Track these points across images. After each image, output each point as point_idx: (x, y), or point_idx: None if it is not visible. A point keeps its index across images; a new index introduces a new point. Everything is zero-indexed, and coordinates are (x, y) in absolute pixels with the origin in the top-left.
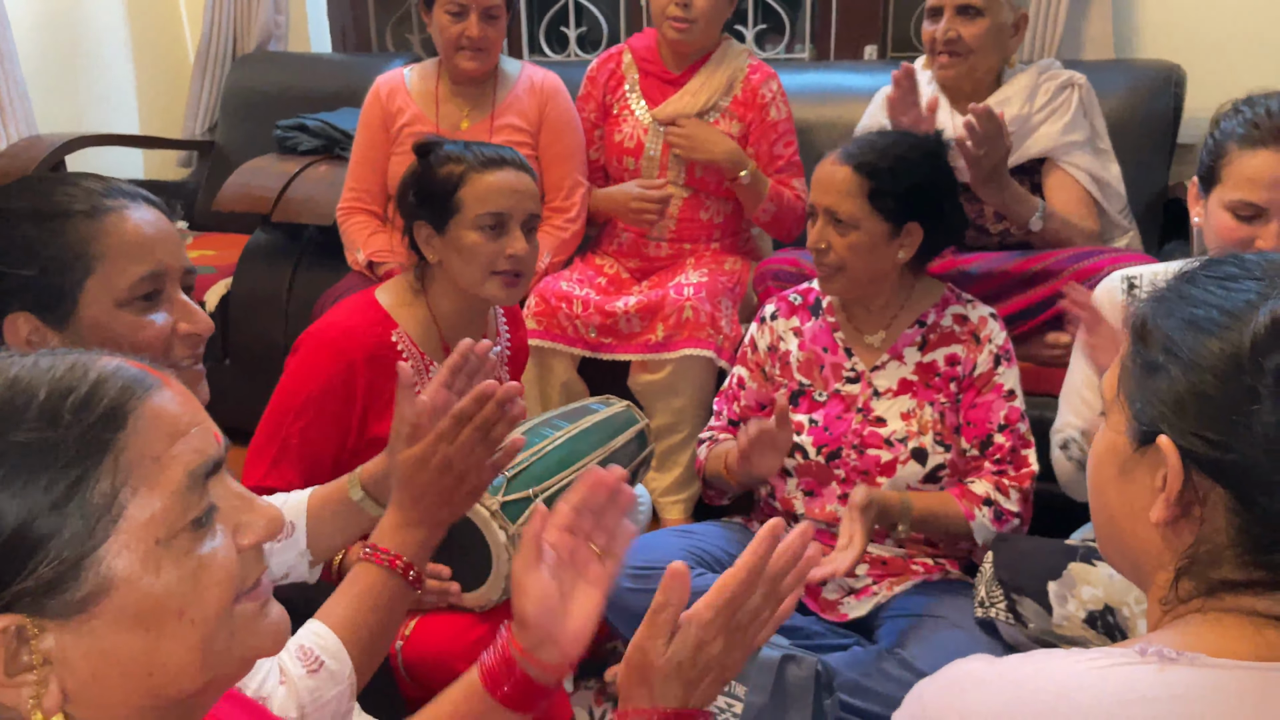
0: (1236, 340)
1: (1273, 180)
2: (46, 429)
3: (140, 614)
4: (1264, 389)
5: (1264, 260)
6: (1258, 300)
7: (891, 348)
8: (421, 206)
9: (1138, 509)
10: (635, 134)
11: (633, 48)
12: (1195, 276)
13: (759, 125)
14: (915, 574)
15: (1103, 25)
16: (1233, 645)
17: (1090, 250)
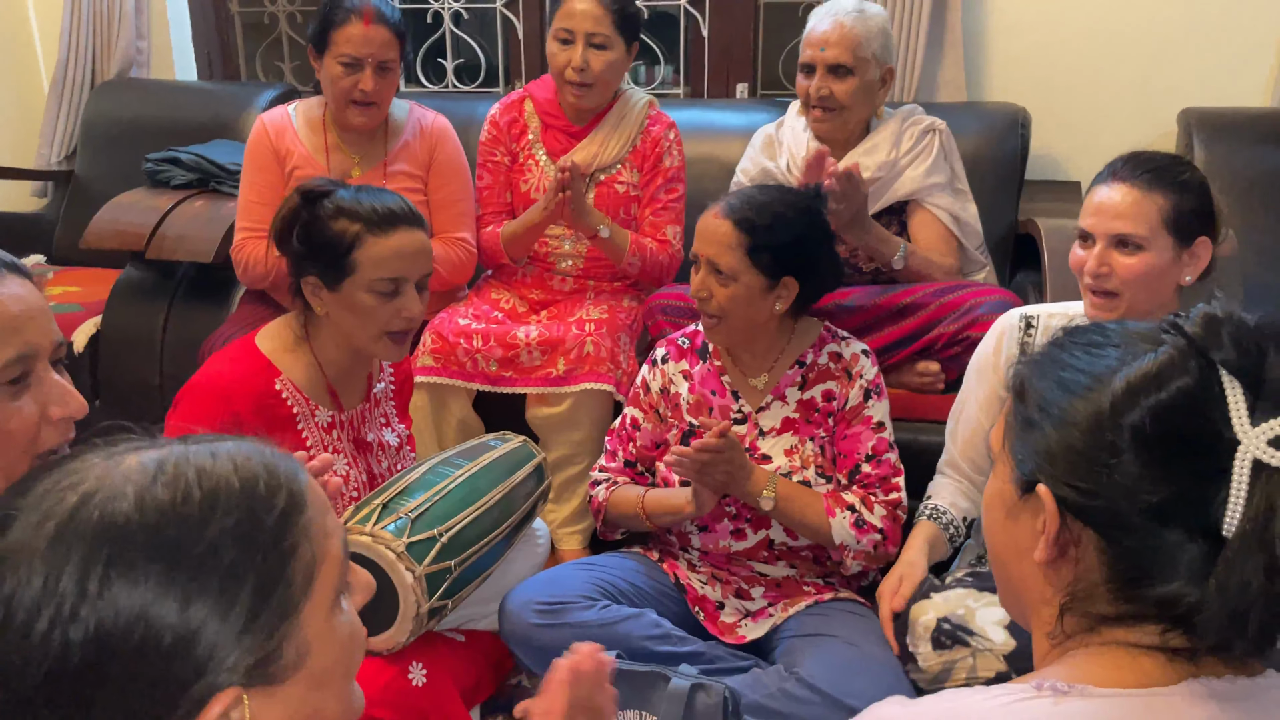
0: (1099, 401)
1: (1097, 207)
2: (251, 515)
3: (322, 674)
4: (1123, 444)
5: (1122, 329)
6: (1117, 365)
7: (775, 389)
8: (310, 259)
9: (1023, 550)
10: (541, 184)
11: (534, 98)
12: (1065, 343)
13: (652, 171)
14: (808, 595)
15: (955, 70)
16: (1115, 675)
17: (953, 285)
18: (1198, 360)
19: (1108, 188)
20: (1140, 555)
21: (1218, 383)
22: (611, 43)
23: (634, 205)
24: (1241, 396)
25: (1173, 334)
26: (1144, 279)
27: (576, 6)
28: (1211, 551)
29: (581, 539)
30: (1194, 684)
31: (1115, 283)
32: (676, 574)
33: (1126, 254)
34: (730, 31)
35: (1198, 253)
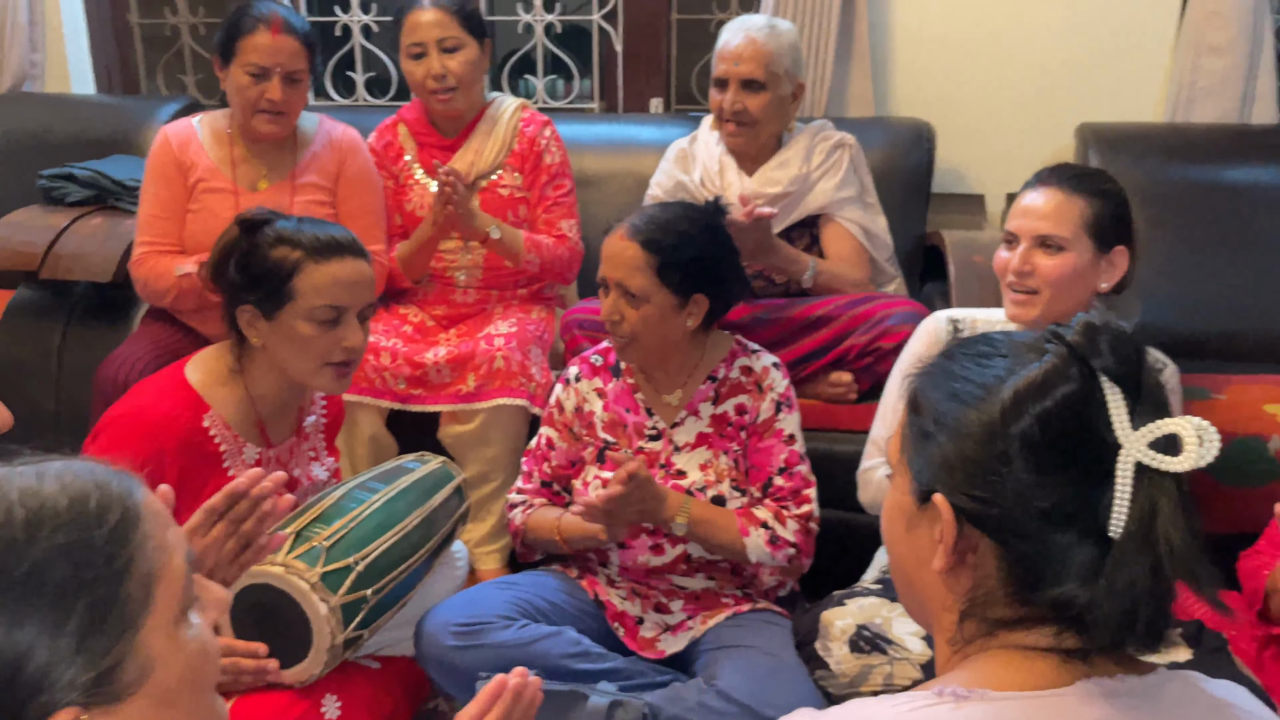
0: (990, 410)
1: (1023, 210)
2: (80, 533)
3: (168, 691)
4: (1013, 452)
5: (1009, 340)
6: (1005, 375)
7: (688, 404)
8: (247, 289)
9: (923, 559)
10: (424, 202)
11: (406, 120)
12: (955, 354)
13: (533, 170)
14: (726, 607)
15: (863, 85)
16: (1013, 678)
17: (864, 297)
18: (1079, 368)
19: (1034, 192)
20: (1035, 559)
21: (1099, 389)
22: (463, 42)
23: (521, 207)
24: (1122, 402)
25: (1055, 343)
26: (1064, 279)
27: (420, 19)
28: (1101, 552)
29: (500, 558)
30: (1087, 684)
31: (1036, 282)
32: (596, 590)
33: (1048, 254)
34: (643, 46)
35: (1115, 261)
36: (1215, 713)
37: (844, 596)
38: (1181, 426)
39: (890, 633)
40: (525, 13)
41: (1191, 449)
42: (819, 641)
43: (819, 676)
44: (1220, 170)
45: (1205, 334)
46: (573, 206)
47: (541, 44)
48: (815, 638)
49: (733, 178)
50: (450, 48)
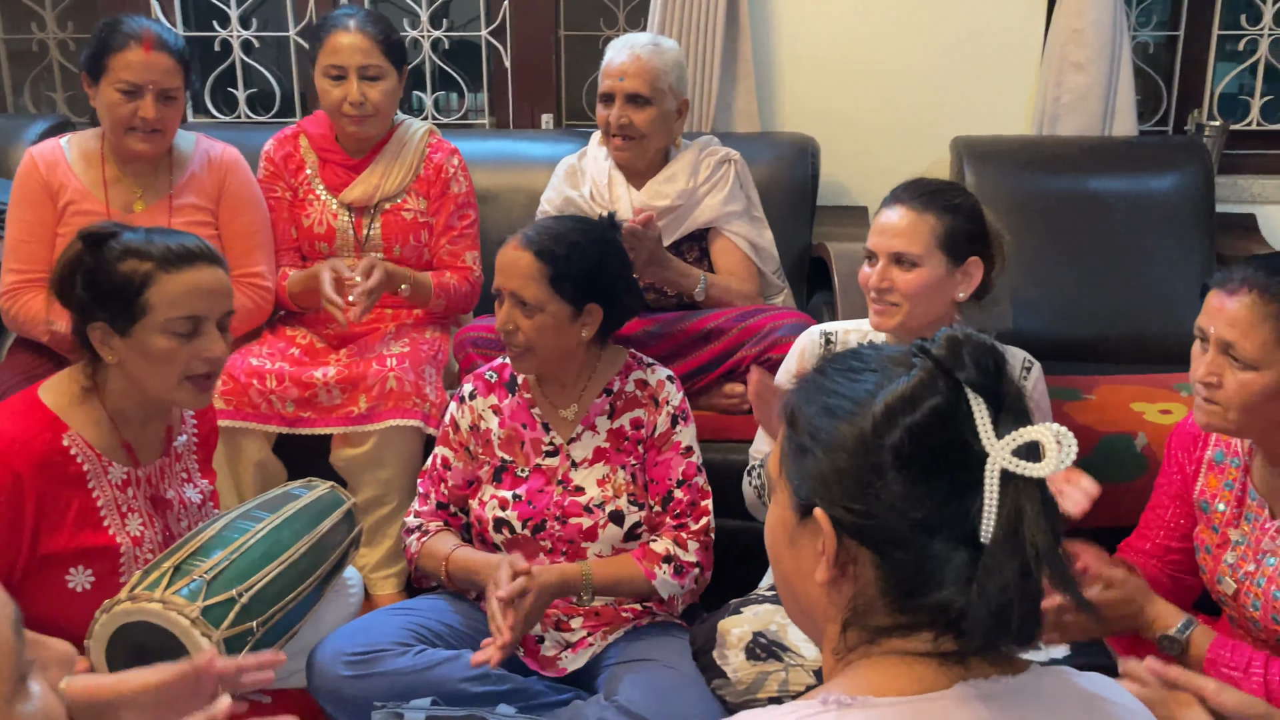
0: (862, 424)
1: (879, 228)
2: None
3: None
4: (886, 464)
5: (877, 354)
6: (875, 389)
7: (584, 419)
8: (97, 305)
9: (806, 571)
10: (325, 219)
11: (308, 133)
12: (827, 369)
13: (440, 199)
14: (626, 620)
15: (749, 101)
16: (893, 684)
17: (754, 309)
18: (945, 381)
19: (889, 210)
20: (912, 568)
21: (964, 401)
22: (385, 72)
23: (424, 232)
24: (986, 412)
25: (921, 358)
26: (920, 293)
27: (343, 41)
28: (973, 558)
29: (397, 582)
30: (963, 687)
31: (895, 296)
32: None
33: (904, 270)
34: (532, 62)
35: (969, 271)
36: (1086, 706)
37: (740, 604)
38: (1042, 434)
39: (785, 639)
40: (413, 28)
41: (1052, 454)
42: (716, 650)
43: (716, 685)
44: (1085, 180)
45: (1076, 337)
46: (476, 238)
47: (430, 59)
48: (713, 646)
49: (621, 192)
50: (372, 76)
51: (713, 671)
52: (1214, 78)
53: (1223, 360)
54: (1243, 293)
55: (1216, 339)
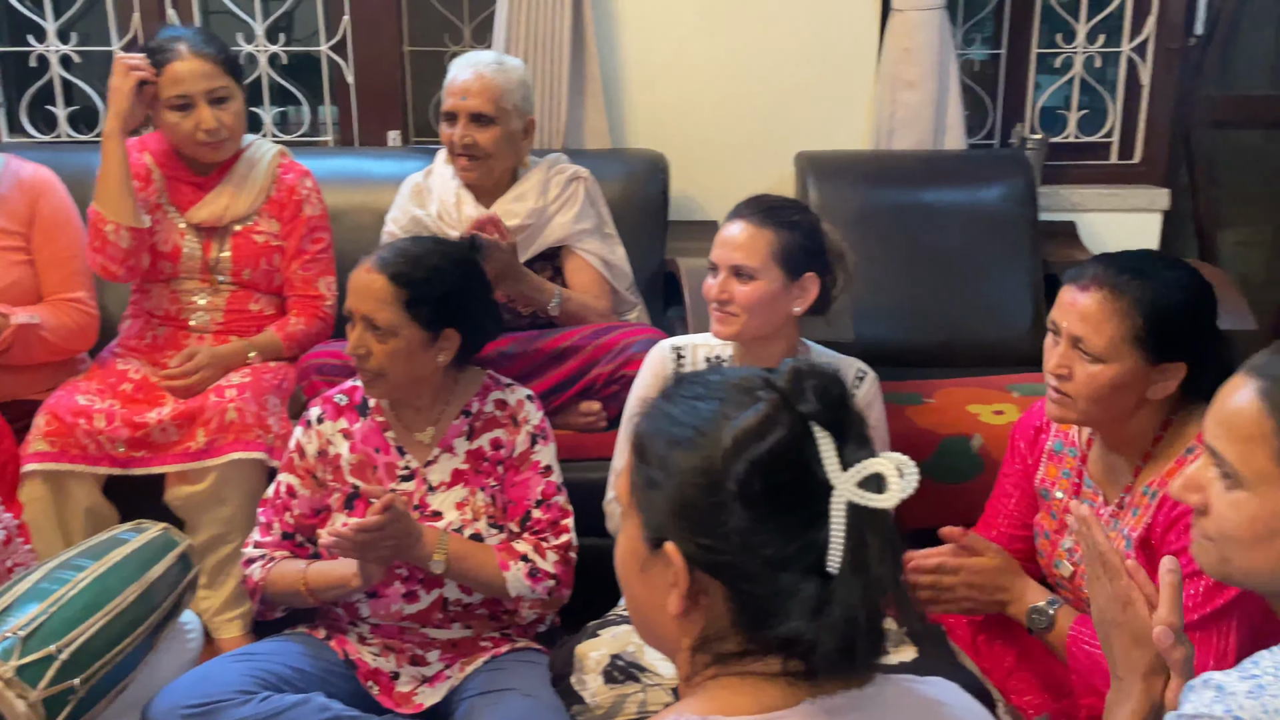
0: (710, 458)
1: (720, 242)
2: None
3: None
4: (734, 498)
5: (722, 380)
6: (719, 419)
7: (442, 441)
8: None
9: (658, 601)
10: (171, 239)
11: (151, 151)
12: (673, 396)
13: (292, 222)
14: (484, 651)
15: (598, 119)
16: (741, 703)
17: (607, 326)
18: (789, 414)
19: (731, 225)
20: (763, 600)
21: (809, 433)
22: (232, 92)
23: (276, 255)
24: (831, 444)
25: (766, 390)
26: (757, 305)
27: (183, 70)
28: (821, 588)
29: (243, 624)
30: (809, 704)
31: (734, 307)
32: (346, 650)
33: (742, 282)
34: (376, 78)
35: (806, 286)
36: (925, 712)
37: (597, 627)
38: (884, 465)
39: (643, 659)
40: (247, 43)
41: (895, 485)
42: (574, 676)
43: (575, 711)
44: (919, 192)
45: (915, 343)
46: (331, 263)
47: (267, 75)
48: (570, 672)
49: (470, 211)
50: (221, 98)
51: (571, 697)
52: (1035, 93)
53: (1073, 353)
54: (1093, 289)
55: (1067, 333)
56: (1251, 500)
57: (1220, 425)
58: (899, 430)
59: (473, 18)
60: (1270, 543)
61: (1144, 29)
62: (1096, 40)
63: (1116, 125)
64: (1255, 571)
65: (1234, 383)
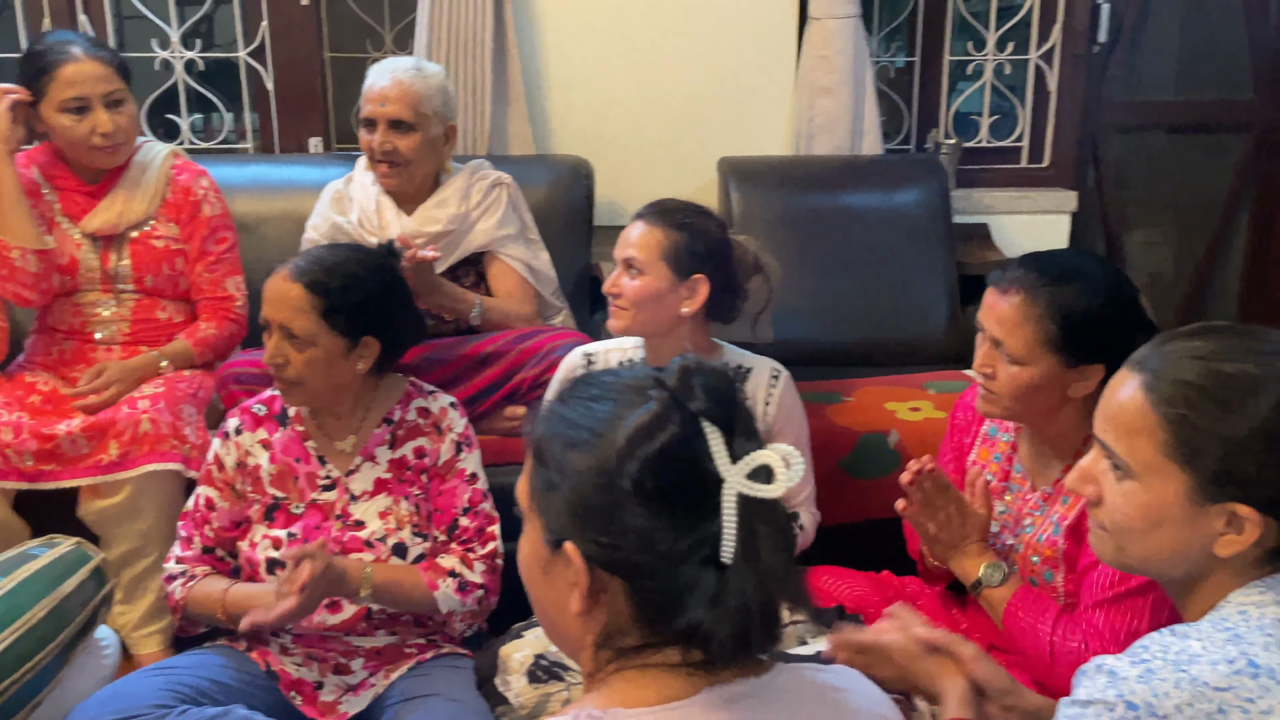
0: (604, 458)
1: (619, 239)
2: None
3: None
4: (629, 497)
5: (615, 380)
6: (613, 420)
7: (363, 450)
8: None
9: (561, 601)
10: (66, 250)
11: (37, 163)
12: (568, 398)
13: (191, 223)
14: (410, 657)
15: (522, 125)
16: (642, 695)
17: (531, 331)
18: (680, 411)
19: (631, 224)
20: (662, 594)
21: (700, 430)
22: (126, 95)
23: (178, 259)
24: (720, 439)
25: (657, 389)
26: (643, 299)
27: (78, 71)
28: (718, 578)
29: (162, 639)
30: (708, 692)
31: (624, 301)
32: (267, 661)
33: (632, 277)
34: (296, 84)
35: (695, 287)
36: (820, 698)
37: (522, 629)
38: (770, 457)
39: (566, 658)
40: (162, 49)
41: (781, 475)
42: (499, 677)
43: (500, 712)
44: (838, 196)
45: (836, 342)
46: (237, 262)
47: (183, 82)
48: (495, 674)
49: (391, 218)
50: (117, 100)
51: (496, 699)
52: (949, 100)
53: (996, 354)
54: (1012, 293)
55: (989, 335)
56: (1140, 490)
57: (1108, 419)
58: (819, 428)
59: (394, 23)
60: (1160, 530)
61: (1050, 37)
62: (1006, 48)
63: (1026, 130)
64: (1148, 559)
65: (1119, 377)
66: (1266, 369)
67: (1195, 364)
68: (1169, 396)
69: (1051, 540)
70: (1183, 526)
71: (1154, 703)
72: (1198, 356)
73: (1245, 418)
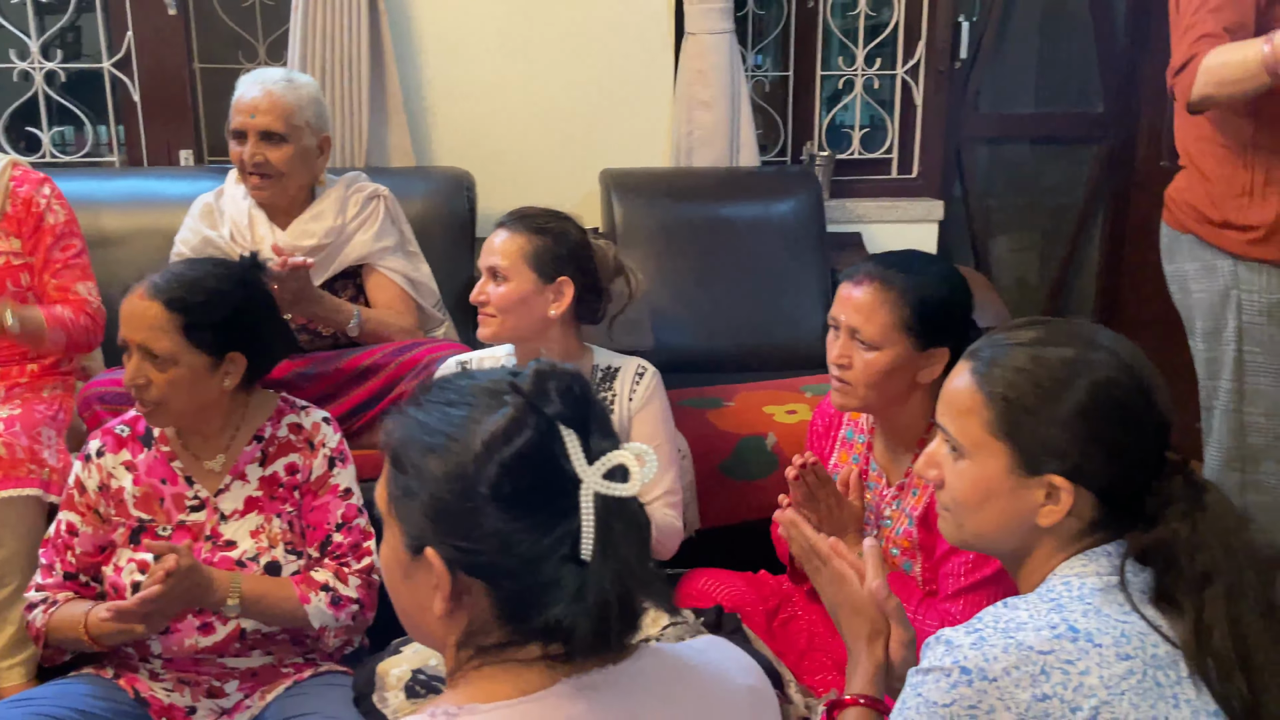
0: (462, 462)
1: (487, 250)
2: None
3: None
4: (487, 500)
5: (471, 385)
6: (471, 424)
7: (233, 468)
8: None
9: (423, 604)
10: None
11: None
12: (424, 402)
13: (35, 234)
14: (287, 677)
15: (402, 137)
16: (500, 689)
17: (411, 343)
18: (536, 415)
19: (494, 233)
20: (523, 593)
21: (556, 432)
22: None
23: (24, 274)
24: (576, 441)
25: (513, 394)
26: (509, 305)
27: None
28: (578, 575)
29: (25, 671)
30: (566, 683)
31: (491, 309)
32: (136, 688)
33: (498, 284)
34: (165, 96)
35: (560, 290)
36: (681, 677)
37: (401, 644)
38: (625, 456)
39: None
40: (21, 59)
41: (636, 473)
42: (376, 694)
43: None
44: (717, 207)
45: (717, 349)
46: (87, 268)
47: (43, 93)
48: (373, 690)
49: (264, 231)
50: None
51: (374, 716)
52: (822, 113)
53: (852, 343)
54: (865, 284)
55: (845, 325)
56: (972, 467)
57: (945, 404)
58: (700, 433)
59: (267, 34)
60: (990, 504)
61: (915, 53)
62: (875, 64)
63: (895, 142)
64: (982, 533)
65: (956, 368)
66: (1083, 355)
67: (1019, 350)
68: (995, 379)
69: (908, 532)
70: (1009, 499)
71: (985, 666)
72: (1021, 344)
73: (1061, 398)
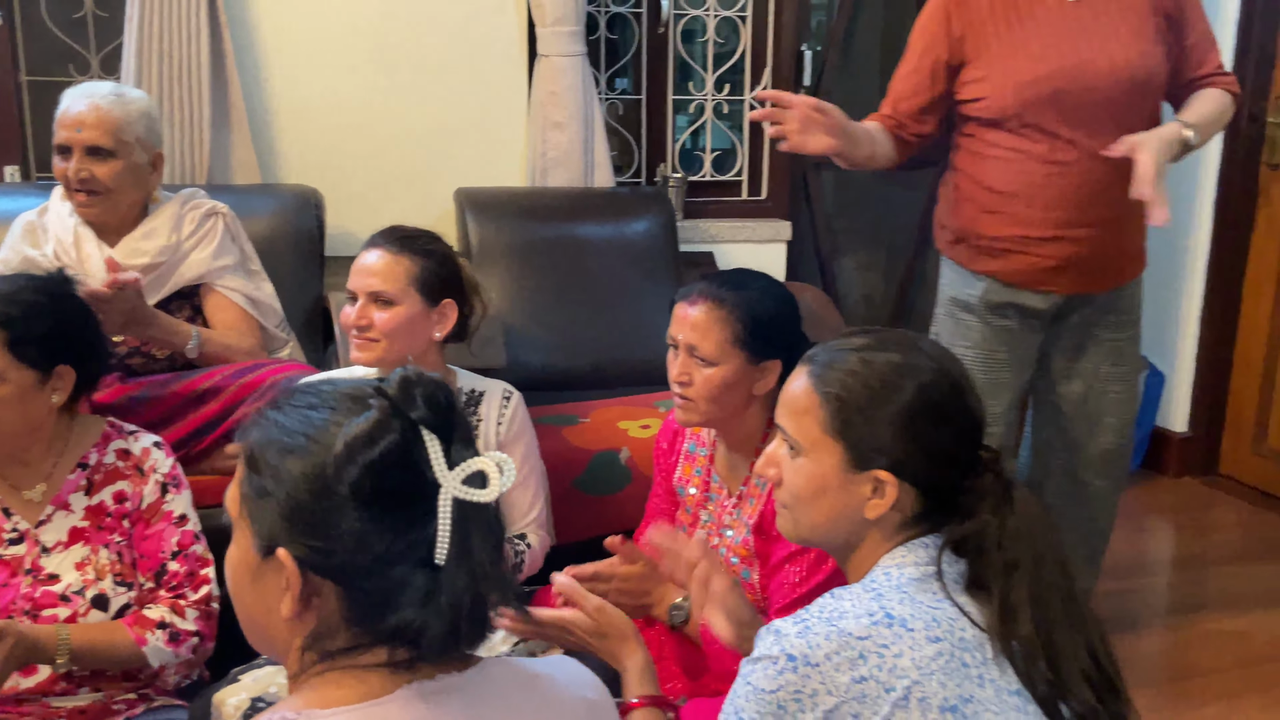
0: (322, 463)
1: (356, 268)
2: None
3: None
4: (346, 501)
5: (334, 389)
6: (333, 427)
7: (55, 498)
8: None
9: (270, 607)
10: None
11: None
12: (284, 406)
13: None
14: (118, 714)
15: (246, 152)
16: (343, 695)
17: (252, 364)
18: (400, 419)
19: (368, 253)
20: (375, 595)
21: (419, 436)
22: None
23: None
24: (438, 446)
25: (378, 398)
26: (397, 329)
27: None
28: (430, 579)
29: None
30: (408, 689)
31: (375, 332)
32: None
33: (381, 308)
34: None
35: (445, 312)
36: (526, 686)
37: (240, 672)
38: (485, 464)
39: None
40: None
41: (495, 480)
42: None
43: None
44: (572, 227)
45: (572, 367)
46: None
47: None
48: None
49: (91, 250)
50: None
51: None
52: (674, 136)
53: (690, 361)
54: (699, 303)
55: (684, 343)
56: (808, 464)
57: (784, 405)
58: (555, 449)
59: (100, 47)
60: (823, 498)
61: (762, 78)
62: (724, 89)
63: (745, 165)
64: (816, 525)
65: (795, 372)
66: (909, 360)
67: (851, 354)
68: (830, 380)
69: (745, 540)
70: (840, 493)
71: (808, 653)
72: (854, 349)
73: (890, 399)
